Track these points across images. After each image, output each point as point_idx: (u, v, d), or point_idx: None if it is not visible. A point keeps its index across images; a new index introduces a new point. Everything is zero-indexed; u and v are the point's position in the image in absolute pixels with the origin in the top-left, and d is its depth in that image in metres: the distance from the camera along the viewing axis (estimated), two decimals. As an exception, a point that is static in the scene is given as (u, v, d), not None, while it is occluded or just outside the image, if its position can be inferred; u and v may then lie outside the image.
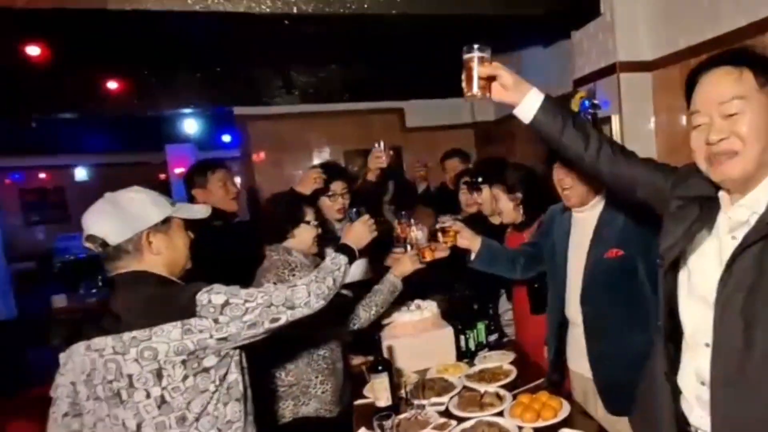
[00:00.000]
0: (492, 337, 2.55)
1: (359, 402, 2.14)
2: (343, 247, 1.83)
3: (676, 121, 2.67)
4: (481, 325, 2.50)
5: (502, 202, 2.48)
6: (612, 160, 1.37)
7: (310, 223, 2.17)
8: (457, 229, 2.21)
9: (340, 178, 2.69)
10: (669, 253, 1.23)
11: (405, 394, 2.00)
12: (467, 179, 3.02)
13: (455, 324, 2.46)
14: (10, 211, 11.09)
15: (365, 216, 2.00)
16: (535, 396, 1.87)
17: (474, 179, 2.83)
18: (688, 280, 1.23)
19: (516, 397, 1.92)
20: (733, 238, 1.12)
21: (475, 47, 1.36)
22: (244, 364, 1.49)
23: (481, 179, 2.73)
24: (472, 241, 2.20)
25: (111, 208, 1.38)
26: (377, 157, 2.83)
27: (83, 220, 1.38)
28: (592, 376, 1.91)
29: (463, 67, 1.38)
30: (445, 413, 1.91)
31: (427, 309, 2.50)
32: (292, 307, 1.47)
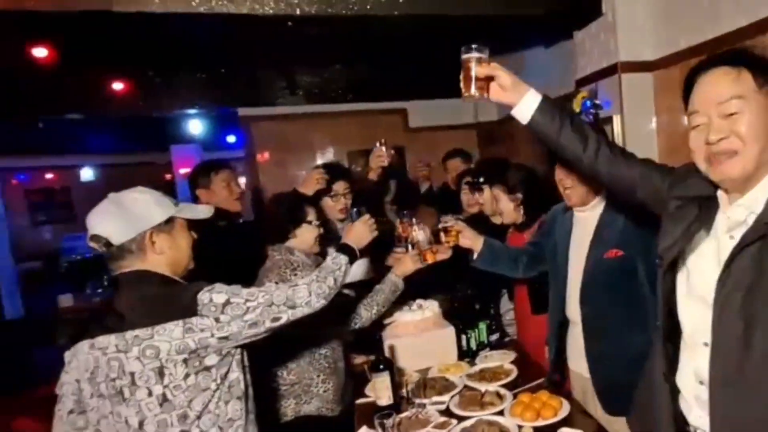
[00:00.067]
0: (493, 337, 2.55)
1: (361, 401, 2.15)
2: (343, 247, 1.83)
3: (677, 121, 2.66)
4: (482, 325, 2.50)
5: (503, 203, 2.49)
6: (610, 161, 1.37)
7: (311, 223, 2.19)
8: (460, 228, 2.22)
9: (342, 178, 2.70)
10: (668, 253, 1.23)
11: (406, 393, 2.00)
12: (469, 179, 3.02)
13: (457, 324, 2.46)
14: (17, 212, 11.11)
15: (365, 216, 2.01)
16: (535, 395, 1.87)
17: (475, 179, 2.83)
18: (687, 281, 1.23)
19: (516, 396, 1.92)
20: (731, 237, 1.13)
21: (473, 47, 1.35)
22: (246, 362, 1.50)
23: (482, 179, 2.73)
24: (475, 240, 2.21)
25: (114, 209, 1.40)
26: (378, 156, 2.83)
27: (88, 220, 1.40)
28: (590, 377, 1.91)
29: (462, 68, 1.37)
30: (446, 412, 1.92)
31: (428, 308, 2.50)
32: (293, 307, 1.48)
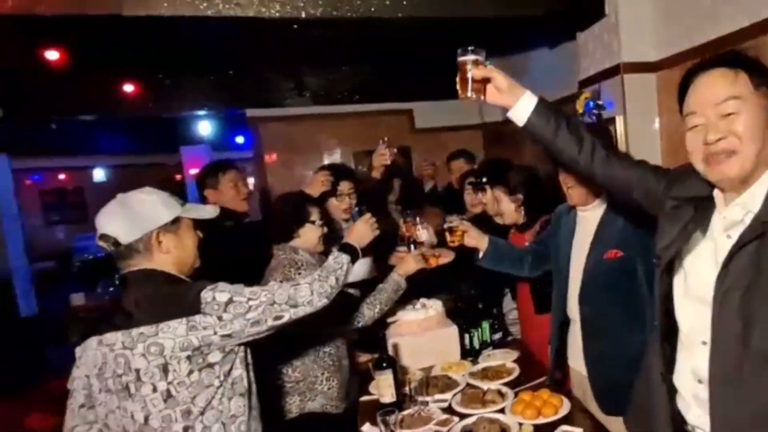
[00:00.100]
0: (496, 336, 2.55)
1: (365, 398, 2.17)
2: (345, 246, 1.85)
3: (679, 121, 2.62)
4: (485, 324, 2.50)
5: (504, 204, 2.50)
6: (606, 162, 1.37)
7: (315, 222, 2.22)
8: (465, 228, 2.23)
9: (347, 178, 2.73)
10: (665, 253, 1.24)
11: (409, 390, 2.01)
12: (472, 180, 3.02)
13: (460, 323, 2.47)
14: (30, 212, 11.20)
15: (367, 215, 2.02)
16: (536, 393, 1.88)
17: (477, 180, 2.84)
18: (684, 281, 1.23)
19: (518, 394, 1.93)
20: (729, 237, 1.13)
21: (469, 50, 1.35)
22: (250, 360, 1.53)
23: (484, 180, 2.74)
24: (480, 240, 2.22)
25: (122, 209, 1.44)
26: (381, 155, 2.86)
27: (96, 220, 1.44)
28: (588, 376, 1.92)
29: (458, 70, 1.37)
30: (448, 410, 1.93)
31: (432, 308, 2.50)
32: (295, 306, 1.50)
